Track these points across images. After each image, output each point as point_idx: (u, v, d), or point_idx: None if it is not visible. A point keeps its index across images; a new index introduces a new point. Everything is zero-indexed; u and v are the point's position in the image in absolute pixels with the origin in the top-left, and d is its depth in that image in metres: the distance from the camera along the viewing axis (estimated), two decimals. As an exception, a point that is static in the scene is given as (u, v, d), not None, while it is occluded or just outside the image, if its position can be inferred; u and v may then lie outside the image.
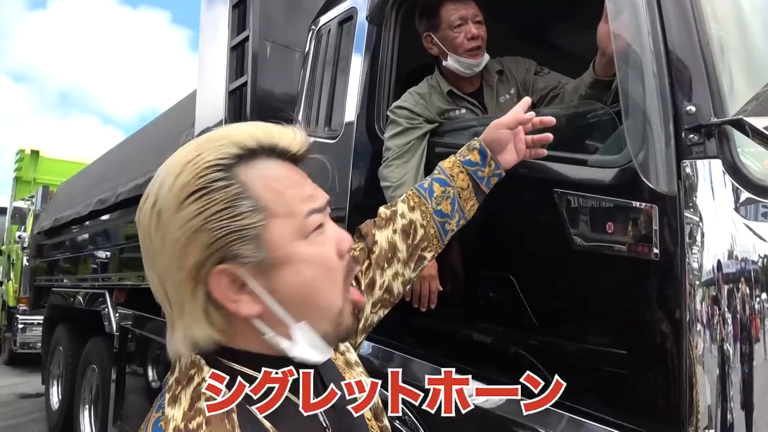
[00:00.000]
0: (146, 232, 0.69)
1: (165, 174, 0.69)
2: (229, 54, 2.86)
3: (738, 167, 1.22)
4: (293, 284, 0.70)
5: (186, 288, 0.68)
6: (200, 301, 0.68)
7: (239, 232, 0.67)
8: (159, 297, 0.72)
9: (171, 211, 0.67)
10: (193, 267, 0.67)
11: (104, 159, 6.53)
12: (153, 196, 0.69)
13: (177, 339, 0.70)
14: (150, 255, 0.70)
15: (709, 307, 1.23)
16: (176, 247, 0.67)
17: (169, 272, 0.68)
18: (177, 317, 0.70)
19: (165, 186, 0.68)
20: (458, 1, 1.90)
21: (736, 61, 1.32)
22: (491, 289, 1.75)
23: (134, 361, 4.50)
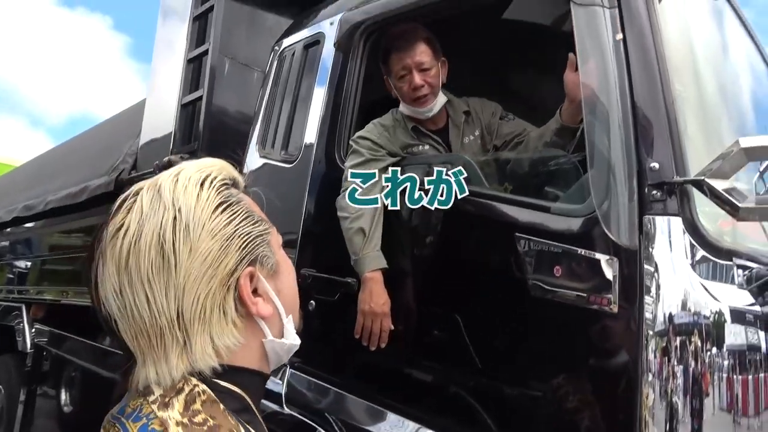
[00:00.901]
0: (168, 248, 0.68)
1: (182, 191, 0.71)
2: (185, 66, 2.76)
3: (697, 226, 1.25)
4: (288, 284, 0.80)
5: (216, 298, 0.70)
6: (230, 308, 0.71)
7: (261, 236, 0.75)
8: (163, 320, 0.69)
9: (200, 222, 0.70)
10: (226, 274, 0.70)
11: (33, 164, 6.13)
12: (171, 212, 0.69)
13: (195, 357, 0.69)
14: (166, 273, 0.68)
15: (661, 360, 1.25)
16: (209, 257, 0.69)
17: (195, 285, 0.69)
18: (197, 334, 0.70)
19: (187, 201, 0.70)
20: (402, 51, 1.89)
21: (698, 122, 1.37)
22: (444, 330, 1.71)
23: (47, 382, 4.16)
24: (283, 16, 2.88)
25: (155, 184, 0.73)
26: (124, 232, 0.69)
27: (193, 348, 0.69)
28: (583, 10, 1.44)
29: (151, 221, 0.69)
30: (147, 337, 0.69)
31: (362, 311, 1.71)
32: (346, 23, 2.13)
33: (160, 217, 0.69)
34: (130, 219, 0.70)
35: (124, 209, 0.72)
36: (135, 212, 0.70)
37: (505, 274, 1.52)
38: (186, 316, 0.69)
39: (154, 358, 0.69)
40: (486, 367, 1.55)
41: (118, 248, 0.69)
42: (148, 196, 0.71)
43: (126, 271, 0.68)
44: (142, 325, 0.69)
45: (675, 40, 1.41)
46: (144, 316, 0.69)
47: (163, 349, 0.69)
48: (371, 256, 1.72)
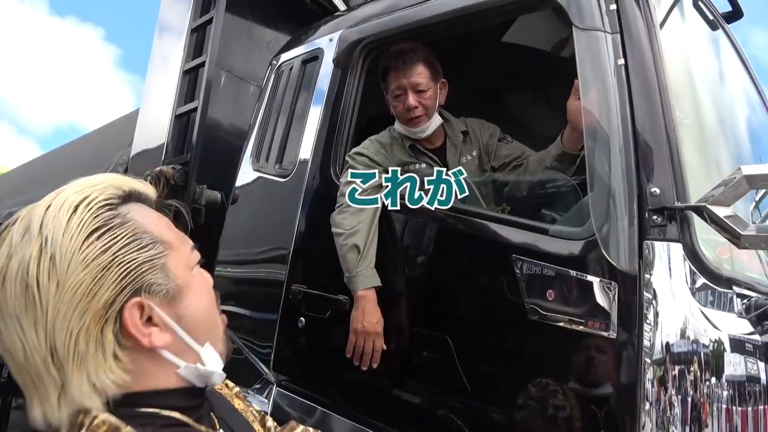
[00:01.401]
0: (32, 283, 0.64)
1: (51, 218, 0.66)
2: (181, 77, 2.74)
3: (697, 253, 1.25)
4: (197, 309, 0.74)
5: (91, 333, 0.65)
6: (109, 343, 0.66)
7: (149, 262, 0.68)
8: (35, 361, 0.64)
9: (69, 252, 0.64)
10: (102, 306, 0.65)
11: (20, 171, 6.03)
12: (37, 243, 0.64)
13: (74, 398, 0.65)
14: (32, 310, 0.64)
15: (659, 388, 1.22)
16: (80, 290, 0.64)
17: (65, 322, 0.64)
18: (73, 373, 0.65)
19: (56, 230, 0.65)
20: (400, 70, 1.89)
21: (698, 149, 1.37)
22: (437, 352, 1.67)
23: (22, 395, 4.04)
24: (281, 31, 2.89)
25: (30, 211, 0.68)
26: (10, 265, 0.65)
27: (70, 389, 0.65)
28: (586, 34, 1.45)
29: (17, 254, 0.65)
30: (28, 375, 0.66)
31: (355, 330, 1.67)
32: (346, 40, 2.13)
33: (26, 248, 0.65)
34: (1, 252, 0.66)
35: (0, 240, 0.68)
36: (5, 245, 0.66)
37: (500, 296, 1.50)
38: (59, 353, 0.64)
39: (40, 398, 0.66)
40: (479, 391, 1.52)
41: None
42: (21, 225, 0.67)
43: (14, 305, 0.65)
44: (18, 363, 0.65)
45: (676, 66, 1.42)
46: (18, 355, 0.65)
47: (44, 389, 0.65)
48: (365, 274, 1.69)
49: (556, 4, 1.53)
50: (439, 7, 1.86)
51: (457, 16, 1.81)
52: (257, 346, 2.05)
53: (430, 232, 1.74)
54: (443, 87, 1.96)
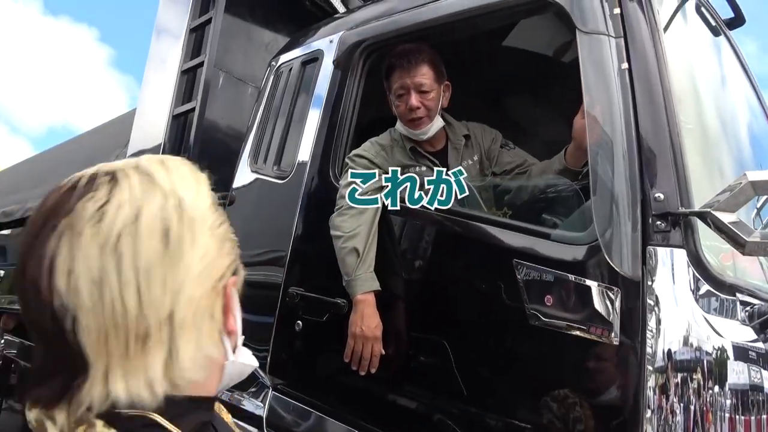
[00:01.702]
0: (174, 237, 0.59)
1: (177, 179, 0.63)
2: (179, 77, 2.72)
3: (700, 259, 1.23)
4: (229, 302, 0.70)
5: (209, 300, 0.63)
6: (218, 316, 0.65)
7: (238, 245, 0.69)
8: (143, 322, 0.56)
9: (202, 216, 0.63)
10: (218, 277, 0.64)
11: (15, 170, 6.00)
12: (172, 199, 0.61)
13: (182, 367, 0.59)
14: (168, 264, 0.58)
15: (662, 396, 1.21)
16: (207, 255, 0.62)
17: (192, 284, 0.60)
18: (184, 341, 0.59)
19: (186, 192, 0.63)
20: (404, 70, 1.87)
21: (702, 154, 1.36)
22: (435, 357, 1.65)
23: (13, 395, 4.00)
24: (280, 33, 2.88)
25: (137, 167, 0.63)
26: (116, 209, 0.57)
27: (180, 356, 0.58)
28: (589, 38, 1.44)
29: (150, 204, 0.59)
30: (124, 339, 0.56)
31: (353, 334, 1.65)
32: (346, 42, 2.12)
33: (159, 201, 0.59)
34: (121, 196, 0.58)
35: (101, 186, 0.59)
36: (125, 190, 0.59)
37: (501, 301, 1.48)
38: (177, 317, 0.58)
39: (127, 368, 0.56)
40: (477, 396, 1.50)
41: (107, 227, 0.56)
42: (134, 177, 0.61)
43: (114, 255, 0.56)
44: (121, 322, 0.56)
45: (679, 71, 1.41)
46: (129, 311, 0.56)
47: (144, 357, 0.57)
48: (364, 278, 1.67)
49: (559, 7, 1.52)
50: (439, 10, 1.85)
51: (458, 19, 1.81)
52: (253, 349, 2.02)
53: (430, 236, 1.72)
54: (447, 90, 1.95)
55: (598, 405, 1.29)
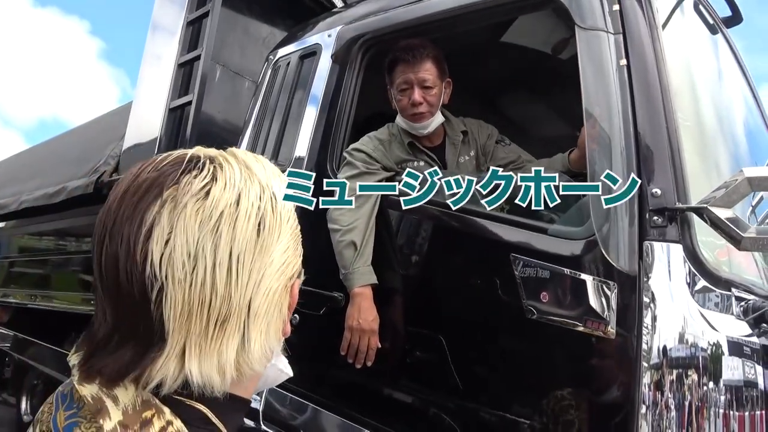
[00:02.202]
0: (267, 227, 0.60)
1: (270, 174, 0.65)
2: (175, 70, 2.71)
3: (697, 254, 1.24)
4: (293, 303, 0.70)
5: (281, 296, 0.63)
6: (284, 313, 0.65)
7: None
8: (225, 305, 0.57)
9: (288, 214, 0.65)
10: (290, 275, 0.65)
11: (8, 163, 5.97)
12: (267, 191, 0.62)
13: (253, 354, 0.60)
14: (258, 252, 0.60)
15: (656, 391, 1.22)
16: (287, 251, 0.63)
17: (272, 276, 0.61)
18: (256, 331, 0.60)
19: (278, 188, 0.64)
20: (408, 63, 1.88)
21: (699, 150, 1.37)
22: (431, 351, 1.66)
23: (6, 389, 4.00)
24: (278, 27, 2.87)
25: (235, 156, 0.64)
26: (221, 190, 0.58)
27: (251, 346, 0.59)
28: (588, 34, 1.45)
29: (249, 192, 0.60)
30: (206, 318, 0.56)
31: (350, 327, 1.66)
32: (345, 36, 2.11)
33: (257, 191, 0.61)
34: (225, 179, 0.60)
35: (207, 167, 0.60)
36: (228, 175, 0.60)
37: (498, 295, 1.49)
38: (253, 306, 0.59)
39: (203, 349, 0.56)
40: (472, 390, 1.51)
41: (211, 204, 0.57)
42: (235, 165, 0.62)
43: (213, 233, 0.57)
44: (207, 302, 0.56)
45: (677, 68, 1.42)
46: (217, 292, 0.56)
47: (220, 340, 0.57)
48: (361, 271, 1.68)
49: (559, 3, 1.52)
50: (439, 5, 1.85)
51: (457, 14, 1.81)
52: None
53: (427, 231, 1.73)
54: (448, 86, 1.96)
55: (594, 399, 1.30)
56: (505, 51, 2.31)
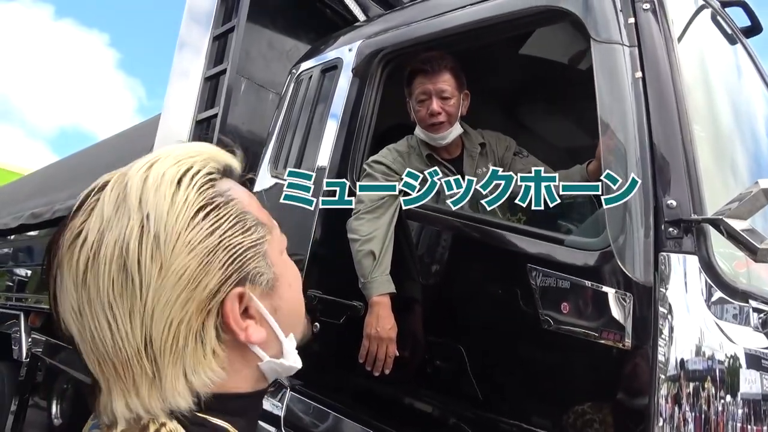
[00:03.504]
0: (132, 265, 0.55)
1: (152, 191, 0.57)
2: (202, 84, 2.79)
3: (713, 265, 1.24)
4: (289, 299, 0.68)
5: (192, 325, 0.57)
6: (210, 337, 0.59)
7: (254, 248, 0.61)
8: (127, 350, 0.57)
9: (175, 233, 0.56)
10: (206, 296, 0.58)
11: (41, 173, 6.16)
12: (137, 219, 0.56)
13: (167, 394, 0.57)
14: (130, 295, 0.56)
15: (673, 404, 1.22)
16: (184, 276, 0.56)
17: (166, 311, 0.56)
18: (167, 367, 0.57)
19: (159, 206, 0.56)
20: (427, 74, 1.91)
21: (715, 162, 1.37)
22: (449, 361, 1.68)
23: (40, 393, 4.10)
24: (301, 41, 2.93)
25: (122, 180, 0.59)
26: (82, 242, 0.57)
27: (164, 383, 0.57)
28: (604, 47, 1.46)
29: (113, 230, 0.56)
30: (112, 365, 0.57)
31: (368, 335, 1.69)
32: (365, 50, 2.16)
33: (124, 224, 0.56)
34: (90, 225, 0.57)
35: (85, 210, 0.59)
36: (95, 217, 0.57)
37: (514, 305, 1.51)
38: (155, 345, 0.56)
39: (123, 389, 0.57)
40: (490, 399, 1.52)
41: (75, 261, 0.57)
42: (112, 195, 0.58)
43: (84, 289, 0.56)
44: (104, 352, 0.57)
45: (693, 80, 1.43)
46: (106, 343, 0.56)
47: (132, 381, 0.57)
48: (380, 280, 1.71)
49: (575, 17, 1.54)
50: (457, 19, 1.89)
51: (475, 28, 1.84)
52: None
53: (445, 241, 1.75)
54: (466, 98, 1.99)
55: (610, 411, 1.30)
56: (523, 62, 2.33)
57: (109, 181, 0.60)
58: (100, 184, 0.61)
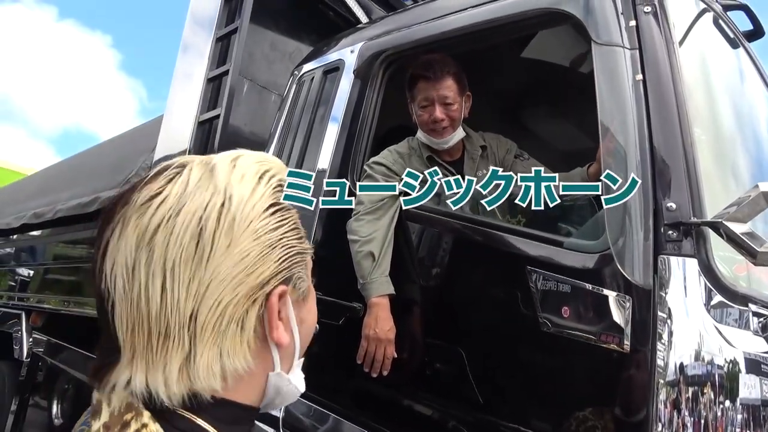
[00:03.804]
0: (207, 235, 0.58)
1: (238, 178, 0.62)
2: (205, 85, 2.80)
3: (712, 269, 1.24)
4: (311, 318, 0.71)
5: (238, 309, 0.59)
6: (250, 326, 0.61)
7: (303, 254, 0.66)
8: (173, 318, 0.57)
9: (248, 219, 0.60)
10: (257, 284, 0.60)
11: (44, 174, 6.18)
12: (220, 196, 0.60)
13: (198, 371, 0.58)
14: (196, 263, 0.58)
15: (672, 408, 1.21)
16: (245, 259, 0.59)
17: (220, 287, 0.58)
18: (207, 344, 0.58)
19: (242, 191, 0.61)
20: (428, 81, 1.90)
21: (715, 165, 1.37)
22: (447, 363, 1.68)
23: (40, 392, 4.11)
24: (304, 42, 2.94)
25: (208, 163, 0.63)
26: (160, 202, 0.59)
27: (197, 361, 0.58)
28: (604, 50, 1.46)
29: (194, 200, 0.59)
30: (147, 333, 0.57)
31: (366, 336, 1.68)
32: (367, 51, 2.16)
33: (206, 198, 0.59)
34: (171, 190, 0.60)
35: (164, 178, 0.61)
36: (178, 185, 0.60)
37: (513, 308, 1.50)
38: (200, 320, 0.57)
39: (149, 362, 0.57)
40: (489, 403, 1.52)
41: (148, 218, 0.58)
42: (197, 171, 0.62)
43: (148, 248, 0.57)
44: (145, 316, 0.57)
45: (695, 82, 1.42)
46: (152, 307, 0.57)
47: (164, 353, 0.57)
48: (379, 281, 1.71)
49: (576, 19, 1.54)
50: (458, 22, 1.89)
51: (476, 30, 1.84)
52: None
53: (444, 242, 1.75)
54: (468, 100, 1.99)
55: (610, 415, 1.29)
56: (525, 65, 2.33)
57: (191, 162, 0.63)
58: (180, 162, 0.64)
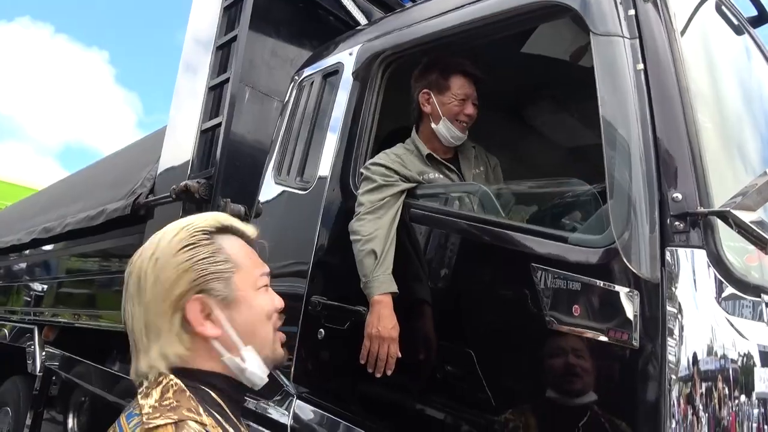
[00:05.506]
0: (142, 273, 0.94)
1: (164, 234, 0.97)
2: (206, 94, 2.80)
3: (722, 259, 1.20)
4: (246, 316, 0.98)
5: (167, 314, 0.92)
6: (176, 325, 0.93)
7: (215, 273, 0.95)
8: (137, 328, 0.94)
9: (168, 257, 0.94)
10: (176, 297, 0.92)
11: (53, 189, 6.23)
12: (152, 248, 0.96)
13: (151, 358, 0.93)
14: (139, 292, 0.94)
15: (686, 404, 1.17)
16: (167, 282, 0.92)
17: (154, 303, 0.93)
18: (153, 341, 0.93)
19: (164, 241, 0.96)
20: (468, 78, 1.99)
21: (720, 153, 1.33)
22: (454, 362, 1.64)
23: (55, 406, 4.13)
24: (305, 48, 2.93)
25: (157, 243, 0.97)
26: (128, 268, 0.97)
27: (149, 353, 0.93)
28: (604, 40, 1.43)
29: (144, 253, 0.97)
30: (133, 339, 0.96)
31: (369, 335, 1.66)
32: (365, 53, 2.15)
33: (147, 255, 0.95)
34: (134, 260, 0.97)
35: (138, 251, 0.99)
36: (139, 256, 0.97)
37: (519, 305, 1.47)
38: (148, 327, 0.93)
39: (138, 354, 0.95)
40: (498, 402, 1.48)
41: (126, 275, 0.97)
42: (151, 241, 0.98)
43: (126, 291, 0.97)
44: (130, 328, 0.96)
45: (697, 70, 1.39)
46: (131, 323, 0.95)
47: (141, 348, 0.94)
48: (381, 279, 1.69)
49: (574, 11, 1.52)
50: (456, 18, 1.87)
51: (474, 27, 1.82)
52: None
53: (447, 240, 1.72)
54: None
55: (620, 414, 1.26)
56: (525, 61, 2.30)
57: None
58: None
